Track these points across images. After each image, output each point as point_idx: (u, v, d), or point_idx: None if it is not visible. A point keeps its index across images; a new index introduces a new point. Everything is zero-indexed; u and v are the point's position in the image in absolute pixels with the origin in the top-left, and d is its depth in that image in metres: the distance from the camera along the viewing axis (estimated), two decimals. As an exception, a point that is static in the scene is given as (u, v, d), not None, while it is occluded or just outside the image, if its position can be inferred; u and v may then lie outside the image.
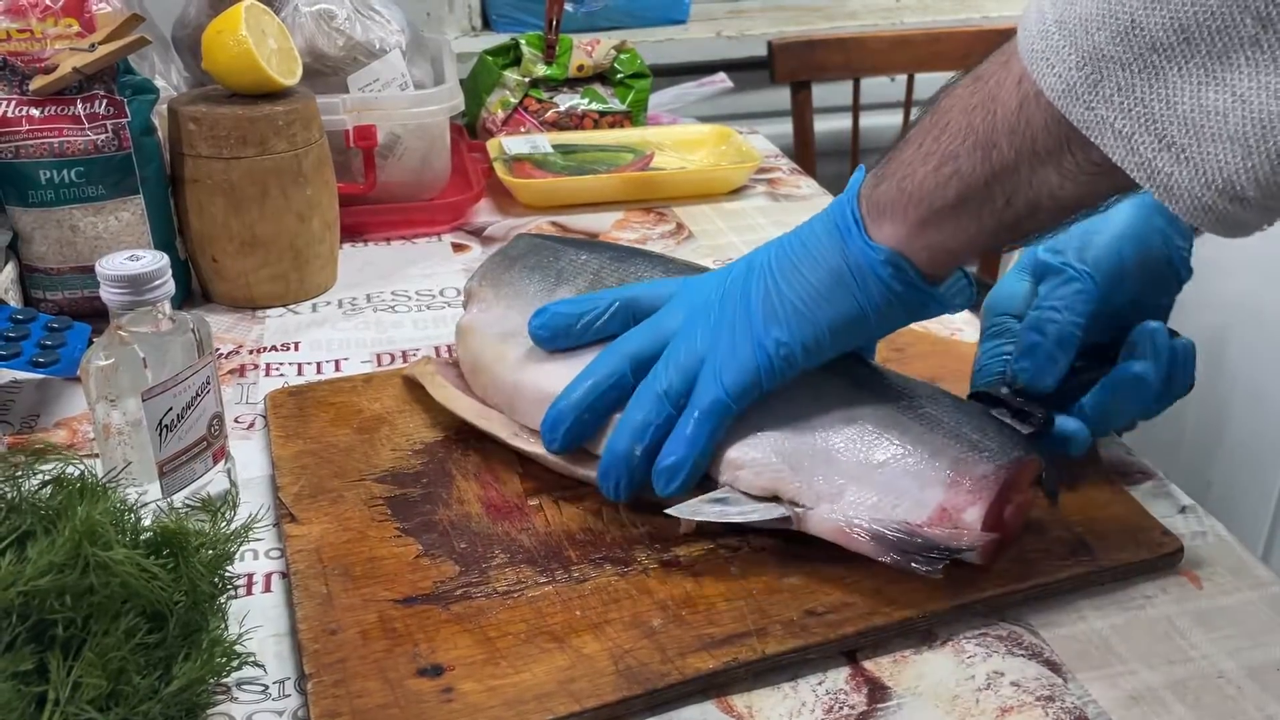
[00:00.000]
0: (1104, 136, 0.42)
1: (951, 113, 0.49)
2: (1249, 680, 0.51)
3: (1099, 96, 0.41)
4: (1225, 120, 0.38)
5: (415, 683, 0.50)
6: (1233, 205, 0.40)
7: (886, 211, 0.53)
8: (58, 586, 0.44)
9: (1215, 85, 0.38)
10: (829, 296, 0.55)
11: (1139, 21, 0.39)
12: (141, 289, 0.55)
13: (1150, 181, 0.41)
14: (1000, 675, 0.52)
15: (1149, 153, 0.41)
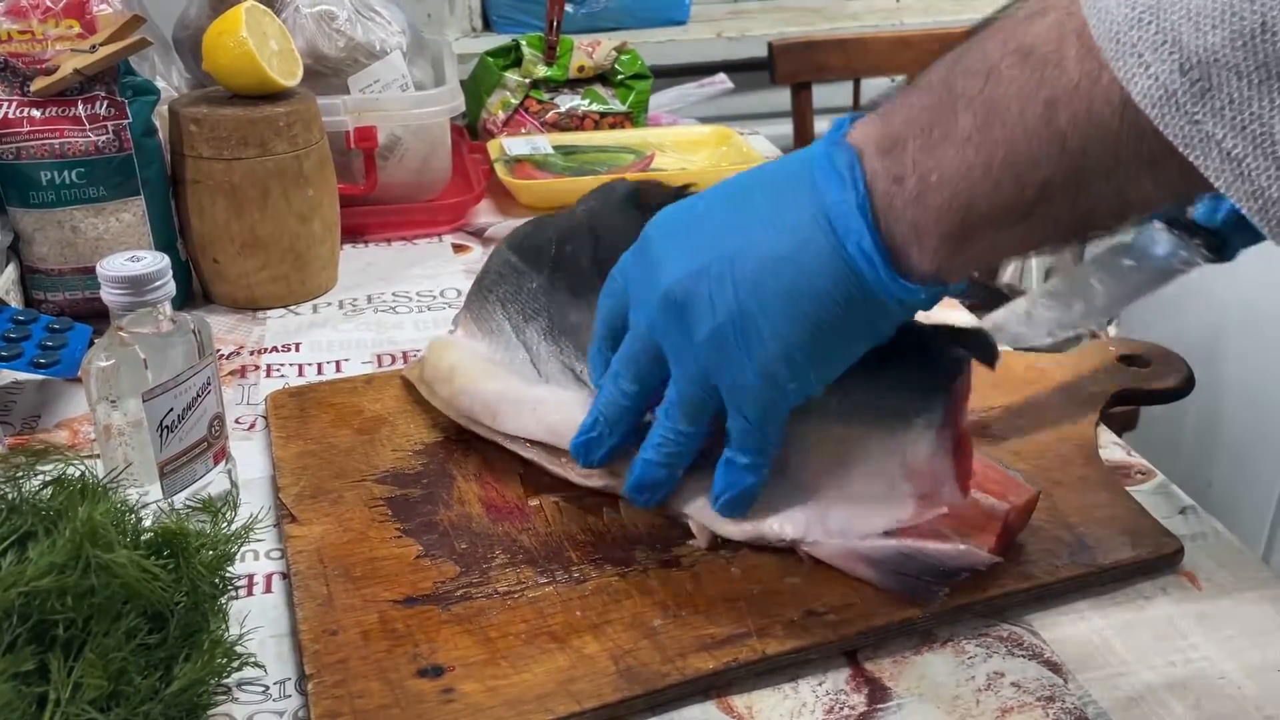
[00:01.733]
0: (1208, 157, 0.35)
1: (1006, 99, 0.40)
2: (1249, 681, 0.51)
3: (1207, 109, 0.34)
4: None
5: (416, 683, 0.50)
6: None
7: (920, 227, 0.43)
8: (59, 587, 0.44)
9: None
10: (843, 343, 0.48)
11: (1273, 25, 0.32)
12: (142, 290, 0.55)
13: (1263, 215, 0.35)
14: (1000, 676, 0.52)
15: (1264, 180, 0.34)
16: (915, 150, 0.42)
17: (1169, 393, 0.73)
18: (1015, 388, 0.73)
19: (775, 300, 0.46)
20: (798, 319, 0.46)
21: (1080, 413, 0.70)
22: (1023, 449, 0.67)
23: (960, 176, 0.41)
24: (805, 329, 0.46)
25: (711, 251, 0.48)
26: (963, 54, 0.42)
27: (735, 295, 0.47)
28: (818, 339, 0.47)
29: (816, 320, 0.46)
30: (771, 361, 0.48)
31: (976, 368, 0.62)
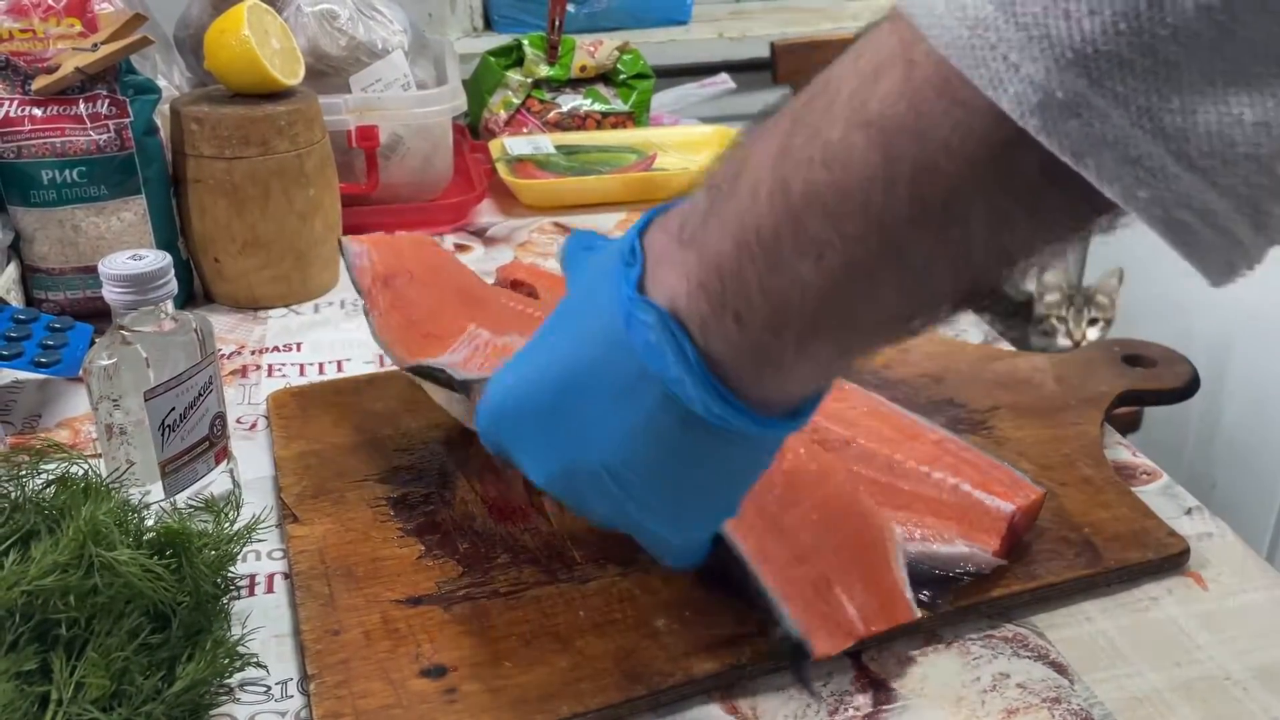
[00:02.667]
0: (1101, 166, 0.29)
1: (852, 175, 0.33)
2: (1255, 681, 0.51)
3: (1092, 108, 0.29)
4: (1268, 131, 0.29)
5: (418, 683, 0.49)
6: (1254, 229, 0.31)
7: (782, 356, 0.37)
8: (61, 586, 0.44)
9: (1249, 89, 0.29)
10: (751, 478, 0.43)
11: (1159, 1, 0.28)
12: (144, 289, 0.55)
13: (1166, 225, 0.30)
14: (1006, 677, 0.51)
15: (1162, 178, 0.30)
16: (754, 273, 0.35)
17: (1174, 393, 0.73)
18: (1020, 388, 0.73)
19: (647, 480, 0.41)
20: (679, 488, 0.42)
21: (1085, 413, 0.70)
22: (1028, 449, 0.66)
23: (825, 286, 0.34)
24: (689, 490, 0.42)
25: (565, 446, 0.42)
26: (791, 139, 0.34)
27: (615, 492, 0.42)
28: (706, 488, 0.42)
29: (697, 479, 0.41)
30: (672, 530, 0.44)
31: (978, 368, 0.62)
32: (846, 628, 0.50)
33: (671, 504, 0.42)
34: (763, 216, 0.34)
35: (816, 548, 0.53)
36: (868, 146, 0.32)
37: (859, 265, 0.34)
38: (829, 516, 0.54)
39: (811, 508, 0.54)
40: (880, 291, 0.34)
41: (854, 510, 0.55)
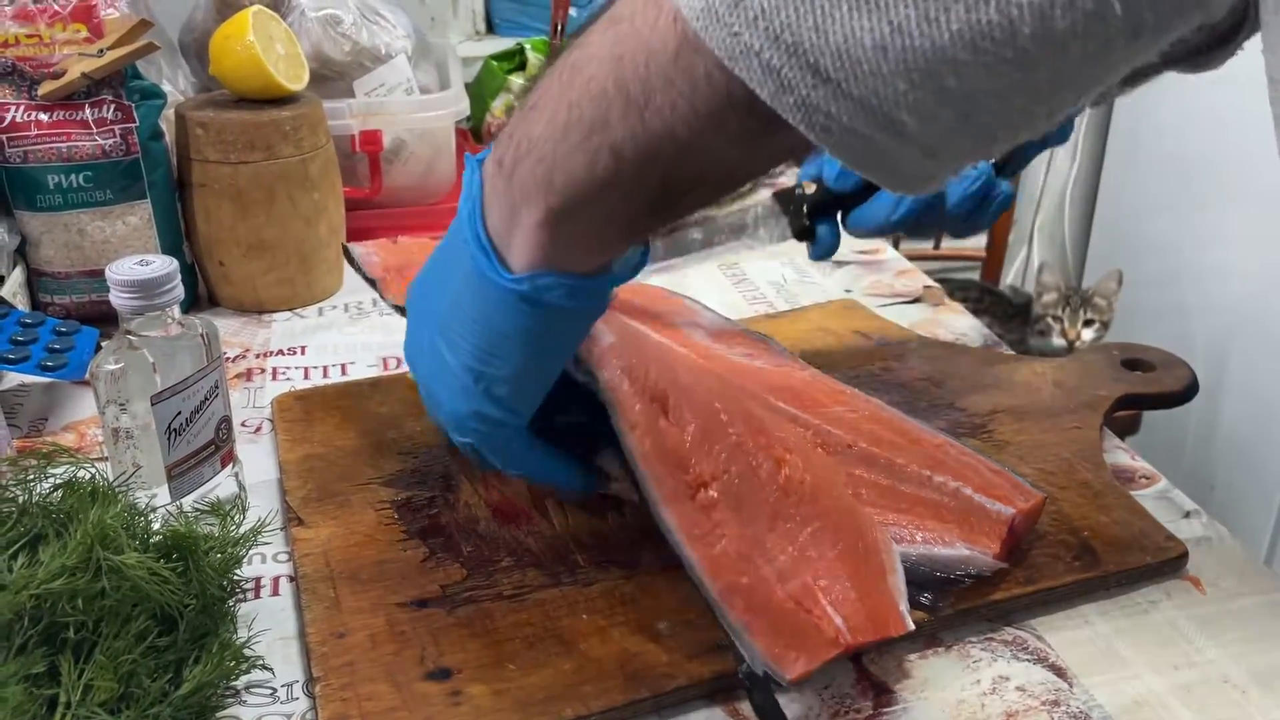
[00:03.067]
0: (751, 70, 0.34)
1: (585, 61, 0.40)
2: (1254, 684, 0.52)
3: (742, 18, 0.34)
4: (885, 52, 0.33)
5: (423, 686, 0.50)
6: (896, 141, 0.35)
7: (515, 210, 0.44)
8: (69, 590, 0.44)
9: (871, 13, 0.32)
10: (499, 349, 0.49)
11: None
12: (152, 294, 0.55)
13: (810, 125, 0.35)
14: (1005, 680, 0.52)
15: (805, 90, 0.34)
16: (513, 126, 0.43)
17: (1173, 396, 0.73)
18: (1019, 392, 0.73)
19: (452, 328, 0.50)
20: (467, 338, 0.49)
21: (1084, 417, 0.70)
22: (1028, 453, 0.67)
23: (543, 138, 0.41)
24: (475, 342, 0.49)
25: (421, 312, 0.54)
26: (571, 42, 0.42)
27: (432, 342, 0.51)
28: (489, 347, 0.48)
29: (481, 331, 0.48)
30: (458, 392, 0.51)
31: (978, 372, 0.62)
32: (830, 637, 0.50)
33: (455, 358, 0.49)
34: (534, 93, 0.43)
35: (806, 560, 0.52)
36: (602, 34, 0.40)
37: (564, 123, 0.41)
38: (827, 528, 0.54)
39: (805, 520, 0.54)
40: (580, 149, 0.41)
41: (853, 521, 0.55)
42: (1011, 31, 0.31)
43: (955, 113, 0.34)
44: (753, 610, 0.50)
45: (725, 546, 0.52)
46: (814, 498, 0.55)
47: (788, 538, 0.53)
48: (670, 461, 0.54)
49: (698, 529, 0.52)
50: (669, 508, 0.53)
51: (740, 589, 0.50)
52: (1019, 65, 0.32)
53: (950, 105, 0.33)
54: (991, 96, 0.33)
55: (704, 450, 0.55)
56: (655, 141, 0.39)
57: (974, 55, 0.31)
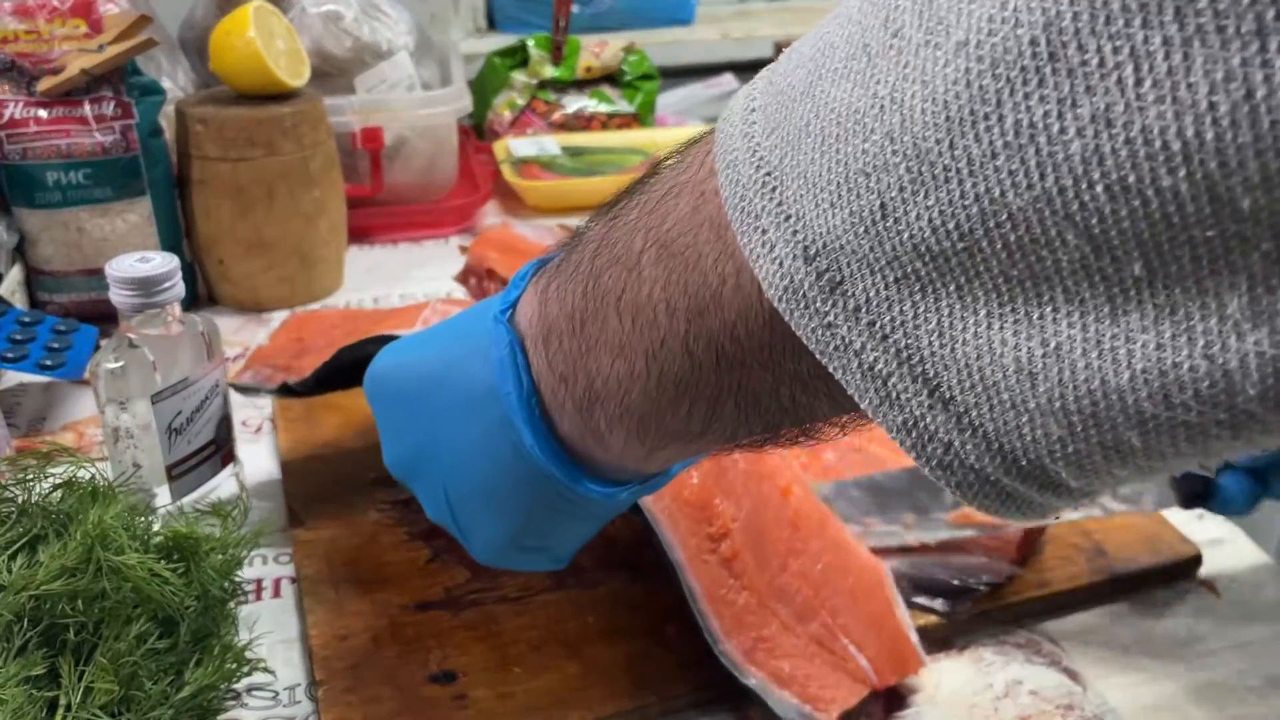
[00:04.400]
0: (849, 372, 0.26)
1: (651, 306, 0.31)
2: (1270, 688, 0.51)
3: (840, 309, 0.25)
4: (1034, 381, 0.23)
5: (428, 689, 0.49)
6: (1040, 493, 0.26)
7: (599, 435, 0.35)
8: (69, 591, 0.43)
9: (1017, 324, 0.23)
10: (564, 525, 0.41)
11: (894, 210, 0.24)
12: (151, 291, 0.54)
13: (920, 451, 0.26)
14: (1019, 683, 0.51)
15: (916, 407, 0.25)
16: (572, 348, 0.34)
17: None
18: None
19: (479, 500, 0.40)
20: (504, 513, 0.40)
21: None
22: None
23: (621, 389, 0.33)
24: (517, 521, 0.40)
25: (415, 434, 0.42)
26: (612, 228, 0.33)
27: (445, 494, 0.41)
28: (534, 524, 0.40)
29: (526, 514, 0.39)
30: (493, 548, 0.42)
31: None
32: (860, 678, 0.49)
33: (491, 527, 0.40)
34: (578, 299, 0.34)
35: (820, 599, 0.51)
36: (656, 265, 0.31)
37: (645, 377, 0.32)
38: (837, 561, 0.53)
39: (817, 555, 0.53)
40: (669, 406, 0.32)
41: (853, 557, 0.54)
42: (1229, 389, 0.21)
43: (1135, 470, 0.24)
44: (777, 660, 0.48)
45: (746, 600, 0.50)
46: (821, 529, 0.54)
47: (803, 576, 0.52)
48: (693, 507, 0.52)
49: (721, 588, 0.50)
50: (693, 572, 0.50)
51: (761, 643, 0.49)
52: (1235, 429, 0.22)
53: (1130, 464, 0.24)
54: (1187, 456, 0.23)
55: (721, 486, 0.53)
56: (754, 398, 0.31)
57: (1168, 410, 0.22)
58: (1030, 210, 0.21)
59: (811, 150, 0.25)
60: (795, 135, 0.26)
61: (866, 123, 0.24)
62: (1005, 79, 0.21)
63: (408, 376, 0.42)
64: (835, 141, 0.25)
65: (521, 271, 0.38)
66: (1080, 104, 0.20)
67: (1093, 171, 0.20)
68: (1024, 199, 0.21)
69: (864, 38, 0.25)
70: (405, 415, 0.42)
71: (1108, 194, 0.20)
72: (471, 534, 0.42)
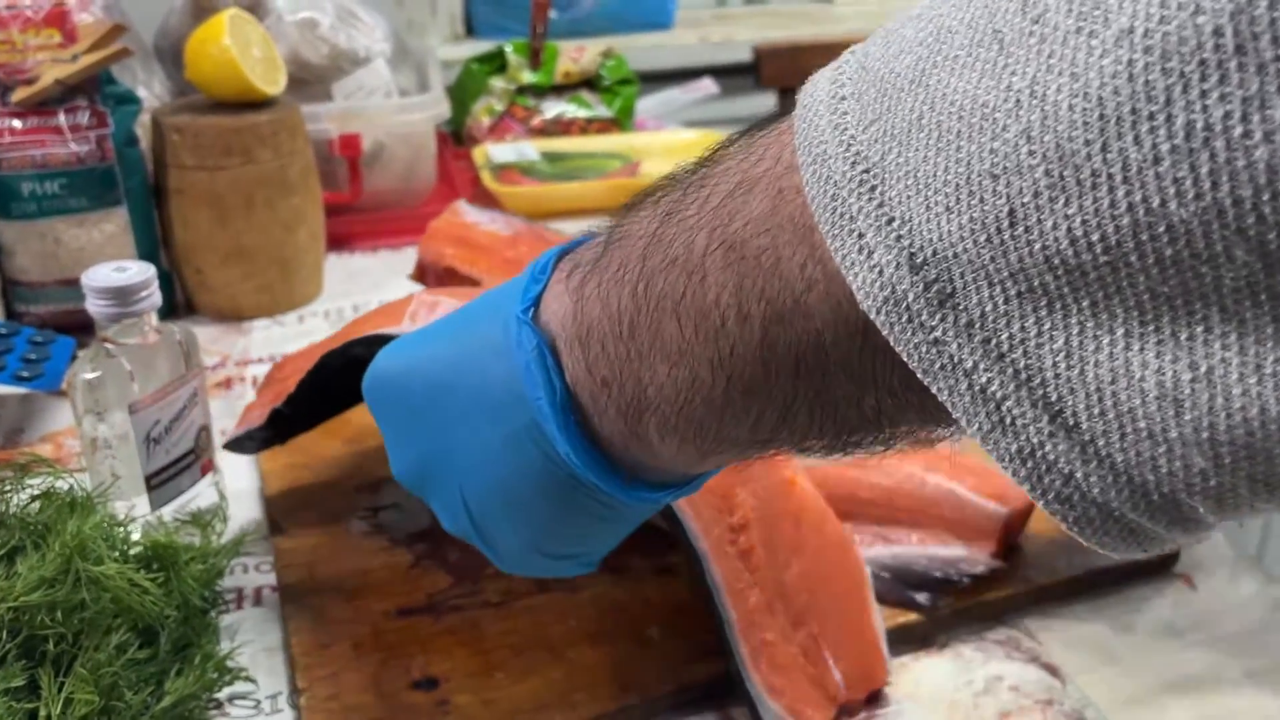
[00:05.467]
0: (956, 393, 0.24)
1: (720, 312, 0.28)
2: (1247, 680, 0.51)
3: (950, 324, 0.23)
4: (1178, 408, 0.21)
5: (410, 695, 0.49)
6: (1168, 529, 0.23)
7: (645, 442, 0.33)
8: (48, 602, 0.43)
9: (1161, 345, 0.21)
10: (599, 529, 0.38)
11: (1025, 218, 0.21)
12: (128, 300, 0.54)
13: (1035, 483, 0.23)
14: (999, 680, 0.51)
15: (1034, 435, 0.23)
16: (619, 352, 0.32)
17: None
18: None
19: (503, 509, 0.37)
20: (533, 521, 0.37)
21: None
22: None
23: (680, 397, 0.31)
24: (547, 529, 0.37)
25: (427, 442, 0.39)
26: (666, 225, 0.30)
27: (464, 504, 0.39)
28: (567, 530, 0.38)
29: (558, 521, 0.37)
30: (520, 557, 0.39)
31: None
32: (832, 693, 0.49)
33: (518, 536, 0.38)
34: (625, 301, 0.31)
35: (812, 605, 0.51)
36: (725, 268, 0.28)
37: (709, 386, 0.29)
38: (831, 562, 0.52)
39: (816, 555, 0.52)
40: (734, 415, 0.30)
41: (845, 550, 0.53)
42: None
43: (1275, 502, 0.22)
44: (774, 670, 0.48)
45: (757, 600, 0.50)
46: (821, 527, 0.53)
47: (803, 577, 0.51)
48: (715, 495, 0.50)
49: (739, 583, 0.49)
50: (716, 563, 0.49)
51: (765, 647, 0.49)
52: None
53: (1276, 496, 0.22)
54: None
55: (740, 474, 0.51)
56: (831, 405, 0.28)
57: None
58: (1196, 223, 0.19)
59: (924, 147, 0.23)
60: (903, 129, 0.23)
61: (998, 118, 0.21)
62: (1179, 74, 0.19)
63: (415, 380, 0.39)
64: (956, 138, 0.22)
65: (540, 264, 0.35)
66: (1271, 105, 0.18)
67: (1278, 181, 0.18)
68: (1189, 210, 0.19)
69: (994, 23, 0.22)
70: (414, 422, 0.39)
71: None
72: (496, 544, 0.39)
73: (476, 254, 0.73)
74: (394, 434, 0.41)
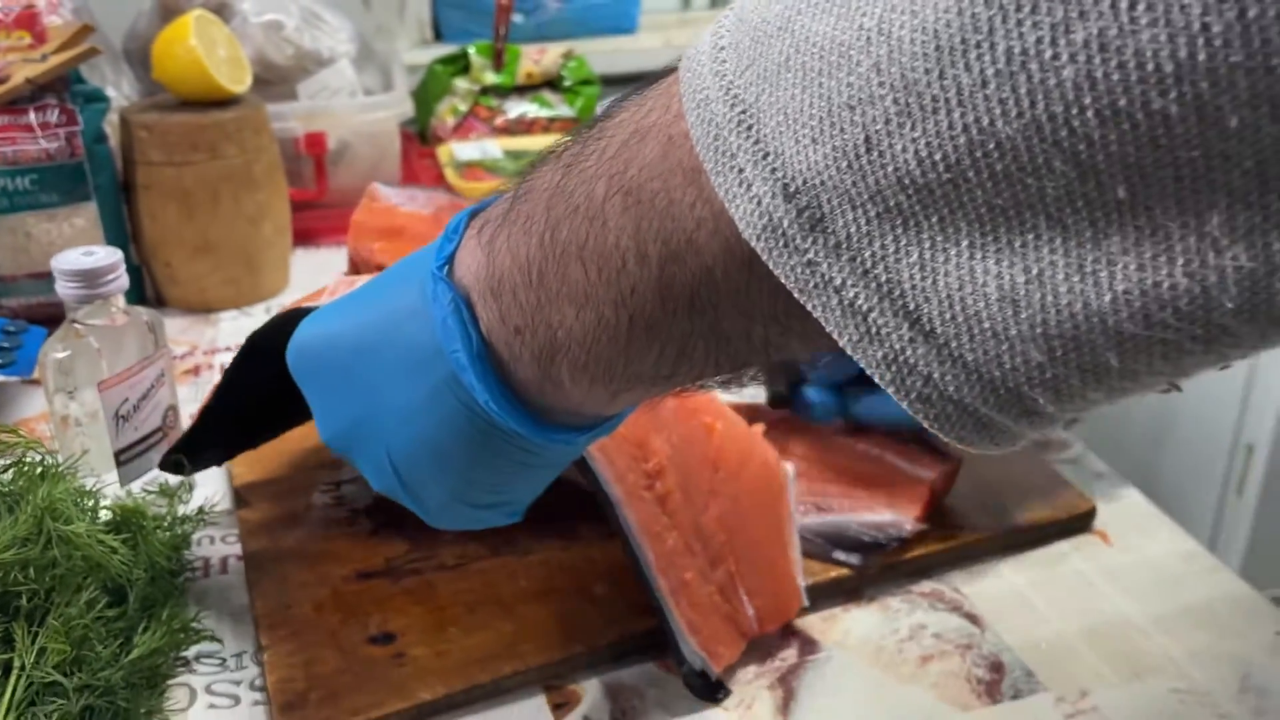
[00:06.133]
0: (828, 309, 0.26)
1: (620, 253, 0.31)
2: (1154, 627, 0.55)
3: (821, 246, 0.25)
4: (1015, 308, 0.24)
5: (368, 649, 0.52)
6: (1015, 421, 0.26)
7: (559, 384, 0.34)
8: (21, 560, 0.46)
9: (999, 253, 0.24)
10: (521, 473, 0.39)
11: (879, 143, 0.24)
12: (96, 282, 0.57)
13: (900, 386, 0.26)
14: (923, 628, 0.55)
15: (897, 341, 0.25)
16: (529, 300, 0.33)
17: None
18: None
19: (429, 462, 0.39)
20: (457, 472, 0.38)
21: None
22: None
23: (588, 338, 0.33)
24: (471, 478, 0.39)
25: (353, 405, 0.40)
26: (568, 176, 0.32)
27: (390, 462, 0.40)
28: (490, 479, 0.39)
29: (481, 469, 0.38)
30: (448, 509, 0.41)
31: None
32: (744, 629, 0.52)
33: (443, 488, 0.39)
34: (534, 250, 0.33)
35: (730, 545, 0.53)
36: (623, 213, 0.30)
37: (614, 325, 0.31)
38: (751, 504, 0.55)
39: (734, 498, 0.54)
40: (638, 352, 0.32)
41: (770, 490, 0.56)
42: (1206, 304, 0.22)
43: (1108, 392, 0.25)
44: (692, 608, 0.51)
45: (674, 541, 0.52)
46: (739, 471, 0.56)
47: (719, 521, 0.54)
48: (629, 443, 0.52)
49: (655, 525, 0.52)
50: (630, 508, 0.51)
51: (684, 586, 0.51)
52: (1209, 343, 0.23)
53: (1105, 385, 0.24)
54: (1160, 375, 0.24)
55: (654, 421, 0.54)
56: (722, 339, 0.31)
57: (1147, 329, 0.22)
58: (1019, 138, 0.22)
59: (791, 85, 0.25)
60: (773, 71, 0.25)
61: (852, 55, 0.24)
62: (998, 5, 0.21)
63: (337, 346, 0.40)
64: (818, 75, 0.24)
65: (453, 224, 0.37)
66: (1074, 29, 0.20)
67: (1084, 97, 0.21)
68: (1013, 127, 0.22)
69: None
70: (339, 387, 0.41)
71: (1098, 119, 0.21)
72: (423, 498, 0.40)
73: (404, 243, 0.72)
74: (320, 400, 0.42)
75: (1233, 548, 1.73)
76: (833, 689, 0.51)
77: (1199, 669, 0.52)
